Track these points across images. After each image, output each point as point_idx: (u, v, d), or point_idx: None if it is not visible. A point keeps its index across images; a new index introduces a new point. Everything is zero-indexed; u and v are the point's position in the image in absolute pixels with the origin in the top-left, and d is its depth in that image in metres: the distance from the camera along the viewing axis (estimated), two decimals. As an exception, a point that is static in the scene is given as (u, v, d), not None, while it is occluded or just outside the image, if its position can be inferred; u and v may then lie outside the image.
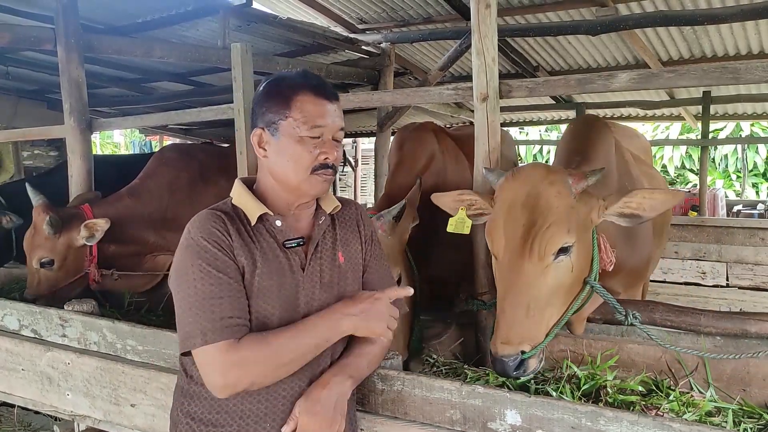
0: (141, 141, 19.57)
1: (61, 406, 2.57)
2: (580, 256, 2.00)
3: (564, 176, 2.03)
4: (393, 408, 1.86)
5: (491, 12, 2.64)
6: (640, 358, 2.43)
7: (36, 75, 6.86)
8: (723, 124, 15.18)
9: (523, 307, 1.92)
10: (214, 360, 1.48)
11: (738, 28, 5.74)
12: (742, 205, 10.00)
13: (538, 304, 1.94)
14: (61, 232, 3.44)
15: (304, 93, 1.59)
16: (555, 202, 1.97)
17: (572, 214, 1.97)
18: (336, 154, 1.61)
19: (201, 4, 4.89)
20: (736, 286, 5.78)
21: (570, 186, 2.00)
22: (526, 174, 2.08)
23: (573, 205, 1.98)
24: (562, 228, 1.93)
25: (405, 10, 6.30)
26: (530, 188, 2.01)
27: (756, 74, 2.26)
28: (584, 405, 1.62)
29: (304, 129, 1.57)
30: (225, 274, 1.52)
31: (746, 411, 2.15)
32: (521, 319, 1.92)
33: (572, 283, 2.02)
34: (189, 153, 4.51)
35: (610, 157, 2.70)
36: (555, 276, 1.96)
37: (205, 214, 1.61)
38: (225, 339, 1.48)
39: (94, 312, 2.66)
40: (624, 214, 2.03)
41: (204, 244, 1.54)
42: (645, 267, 2.82)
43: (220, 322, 1.49)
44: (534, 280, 1.94)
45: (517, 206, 2.01)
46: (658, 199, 1.99)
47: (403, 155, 3.39)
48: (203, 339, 1.48)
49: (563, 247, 1.95)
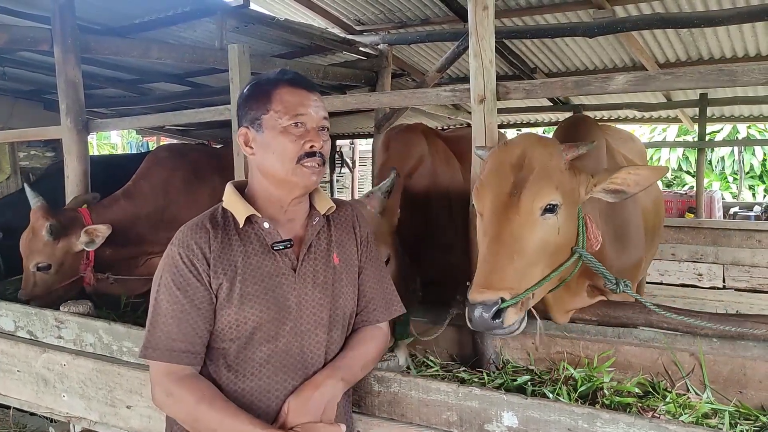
0: (138, 142, 19.52)
1: (56, 407, 2.56)
2: (566, 221, 2.02)
3: (556, 143, 2.09)
4: (390, 410, 1.85)
5: (489, 14, 2.64)
6: (636, 360, 2.43)
7: (33, 75, 6.84)
8: (720, 126, 15.22)
9: (507, 255, 1.89)
10: (153, 376, 1.58)
11: (734, 30, 5.76)
12: (739, 207, 10.02)
13: (522, 255, 1.90)
14: (59, 238, 3.43)
15: (281, 86, 1.62)
16: (545, 161, 2.01)
17: (562, 177, 2.02)
18: (322, 143, 1.61)
19: (198, 6, 4.87)
20: (733, 288, 5.80)
21: (561, 152, 2.05)
22: (518, 139, 2.15)
23: (563, 169, 2.03)
24: (551, 183, 1.96)
25: (402, 11, 6.30)
26: (521, 150, 2.06)
27: (752, 77, 2.27)
28: (581, 407, 1.62)
29: (286, 119, 1.59)
30: (185, 297, 1.56)
31: (743, 413, 2.15)
32: (503, 266, 1.87)
33: (557, 246, 2.01)
34: (182, 152, 4.51)
35: (601, 157, 2.70)
36: (541, 232, 1.94)
37: (190, 226, 1.64)
38: (165, 361, 1.54)
39: (90, 313, 2.66)
40: (610, 190, 2.07)
41: (177, 260, 1.57)
42: (637, 267, 2.83)
43: (164, 342, 1.55)
44: (519, 231, 1.92)
45: (507, 165, 2.03)
46: (642, 174, 2.03)
47: (389, 156, 3.37)
48: (143, 353, 1.57)
49: (550, 205, 1.96)
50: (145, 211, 3.94)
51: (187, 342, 1.55)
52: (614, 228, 2.61)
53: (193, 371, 1.59)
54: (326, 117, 1.66)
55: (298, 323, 1.63)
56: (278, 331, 1.60)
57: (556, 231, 1.99)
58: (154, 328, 1.56)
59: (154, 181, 4.07)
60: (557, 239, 2.01)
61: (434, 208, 3.29)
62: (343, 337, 1.74)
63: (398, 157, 3.32)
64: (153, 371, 1.58)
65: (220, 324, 1.59)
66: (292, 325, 1.62)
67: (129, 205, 3.88)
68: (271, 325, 1.59)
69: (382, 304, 1.81)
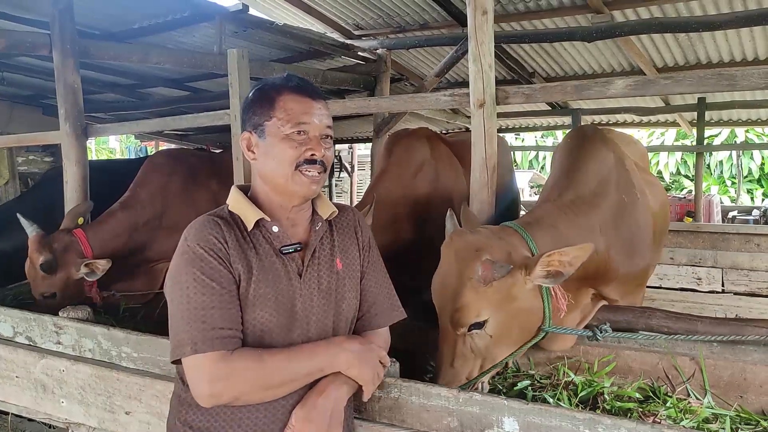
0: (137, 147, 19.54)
1: (55, 413, 2.55)
2: (500, 325, 2.14)
3: (474, 263, 2.09)
4: (390, 415, 1.85)
5: (488, 19, 2.65)
6: (637, 365, 2.42)
7: (31, 80, 6.84)
8: (718, 130, 15.28)
9: (448, 362, 2.15)
10: (203, 369, 1.48)
11: (732, 34, 5.78)
12: (738, 211, 10.03)
13: (461, 359, 2.15)
14: (56, 271, 3.41)
15: (286, 93, 1.61)
16: (463, 288, 2.10)
17: (482, 298, 2.09)
18: (323, 151, 1.60)
19: (197, 11, 4.87)
20: (732, 292, 5.79)
21: (478, 275, 2.07)
22: (450, 249, 2.21)
23: (483, 291, 2.08)
24: (470, 312, 2.08)
25: (401, 16, 6.31)
26: (450, 266, 2.17)
27: (752, 81, 2.27)
28: (582, 412, 1.61)
29: (288, 127, 1.58)
30: (218, 284, 1.52)
31: (743, 417, 2.15)
32: (445, 371, 2.15)
33: (495, 343, 2.15)
34: (178, 157, 4.50)
35: (602, 174, 2.69)
36: (473, 342, 2.13)
37: (202, 221, 1.60)
38: (215, 350, 1.48)
39: (89, 319, 2.65)
40: (550, 275, 2.08)
41: (200, 252, 1.53)
42: (644, 274, 2.82)
43: (211, 332, 1.48)
44: (455, 343, 2.14)
45: (439, 278, 2.21)
46: (570, 255, 2.04)
47: (390, 163, 3.37)
48: (193, 348, 1.48)
49: (476, 323, 2.10)
50: (144, 219, 3.92)
51: (233, 328, 1.52)
52: (623, 235, 2.60)
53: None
54: (330, 125, 1.65)
55: (305, 330, 1.62)
56: (285, 338, 1.59)
57: (488, 338, 2.13)
58: (195, 321, 1.49)
59: (152, 188, 4.05)
60: (490, 341, 2.14)
61: (435, 213, 3.29)
62: None
63: (399, 163, 3.32)
64: (201, 365, 1.48)
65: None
66: (300, 332, 1.61)
67: (128, 216, 3.84)
68: (281, 331, 1.58)
69: (384, 309, 1.80)
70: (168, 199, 4.07)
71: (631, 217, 2.67)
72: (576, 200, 2.55)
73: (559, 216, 2.44)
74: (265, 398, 1.54)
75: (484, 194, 2.75)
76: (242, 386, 1.49)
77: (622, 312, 2.50)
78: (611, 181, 2.69)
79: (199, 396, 1.50)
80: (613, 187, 2.66)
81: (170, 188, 4.11)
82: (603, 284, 2.50)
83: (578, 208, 2.50)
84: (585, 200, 2.56)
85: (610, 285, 2.54)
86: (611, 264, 2.49)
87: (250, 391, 1.51)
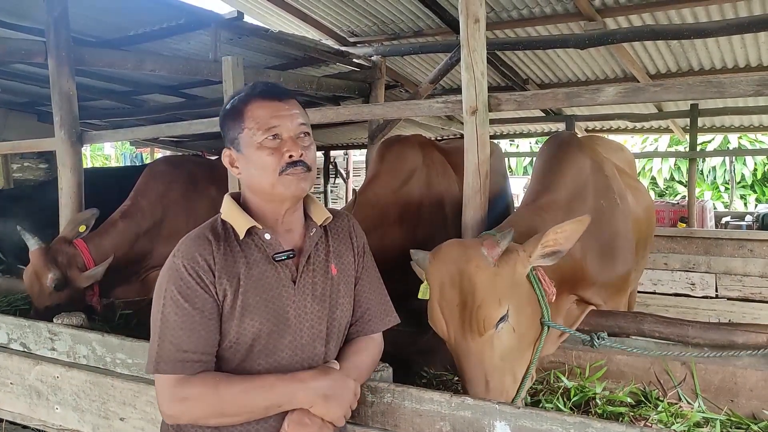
0: (132, 153, 19.54)
1: (49, 420, 2.55)
2: (518, 314, 2.01)
3: (478, 249, 2.02)
4: (383, 420, 1.86)
5: (480, 27, 2.67)
6: (629, 369, 2.44)
7: (26, 87, 6.85)
8: (711, 136, 15.33)
9: (482, 382, 1.95)
10: (162, 389, 1.53)
11: (724, 42, 5.84)
12: (731, 217, 10.06)
13: (495, 373, 1.96)
14: (65, 286, 3.40)
15: (252, 101, 1.61)
16: (478, 277, 1.97)
17: (498, 282, 1.98)
18: (301, 150, 1.58)
19: (192, 18, 4.89)
20: (725, 297, 5.82)
21: (486, 257, 2.00)
22: (444, 255, 2.09)
23: (496, 272, 1.99)
24: (493, 302, 1.94)
25: (396, 23, 6.35)
26: (452, 268, 2.02)
27: (740, 88, 2.30)
28: (573, 416, 1.63)
29: (260, 134, 1.57)
30: (192, 306, 1.53)
31: (734, 421, 2.16)
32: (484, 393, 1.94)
33: (519, 339, 2.03)
34: (178, 164, 4.50)
35: (578, 179, 2.69)
36: (500, 343, 1.97)
37: (193, 236, 1.61)
38: (176, 373, 1.51)
39: (84, 325, 2.65)
40: (546, 254, 2.04)
41: (182, 271, 1.54)
42: (624, 280, 2.80)
43: (175, 354, 1.51)
44: (483, 355, 1.96)
45: (446, 288, 2.02)
46: (568, 230, 2.01)
47: (381, 169, 3.37)
48: (155, 367, 1.52)
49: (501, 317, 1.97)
50: (145, 228, 3.92)
51: (198, 352, 1.53)
52: (601, 240, 2.59)
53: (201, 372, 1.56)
54: (304, 122, 1.63)
55: (297, 337, 1.62)
56: (277, 344, 1.60)
57: (512, 330, 1.99)
58: (163, 341, 1.52)
59: (151, 196, 4.05)
60: (516, 336, 2.00)
61: (427, 219, 3.31)
62: (338, 348, 1.74)
63: (390, 169, 3.33)
64: (162, 384, 1.52)
65: (222, 336, 1.58)
66: (291, 338, 1.61)
67: (128, 226, 3.84)
68: (270, 338, 1.59)
69: (378, 314, 1.81)
70: (168, 207, 4.07)
71: (610, 222, 2.67)
72: (551, 204, 2.55)
73: (533, 220, 2.41)
74: (227, 423, 1.55)
75: (477, 200, 2.76)
76: (198, 412, 1.52)
77: (614, 317, 2.51)
78: (588, 186, 2.70)
79: (161, 413, 1.55)
80: (590, 192, 2.67)
81: (170, 196, 4.12)
82: (581, 289, 2.48)
83: (554, 213, 2.48)
84: (559, 205, 2.56)
85: (589, 290, 2.53)
86: (587, 269, 2.49)
87: (207, 417, 1.53)
